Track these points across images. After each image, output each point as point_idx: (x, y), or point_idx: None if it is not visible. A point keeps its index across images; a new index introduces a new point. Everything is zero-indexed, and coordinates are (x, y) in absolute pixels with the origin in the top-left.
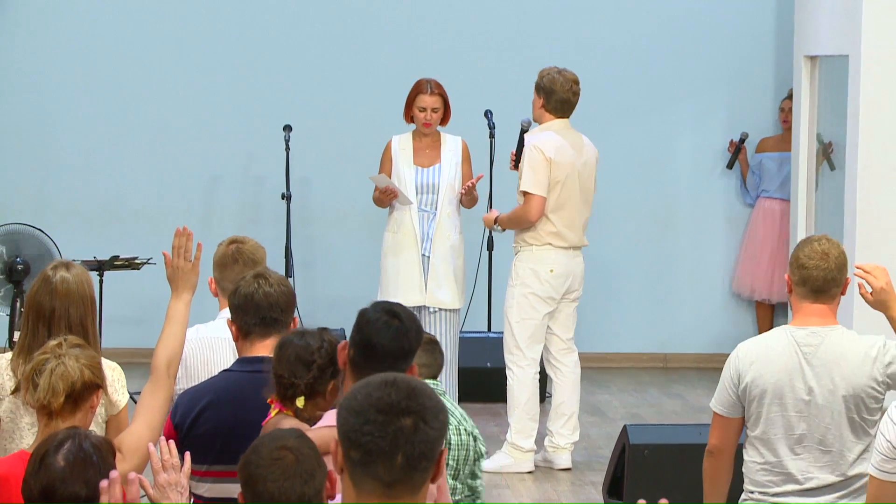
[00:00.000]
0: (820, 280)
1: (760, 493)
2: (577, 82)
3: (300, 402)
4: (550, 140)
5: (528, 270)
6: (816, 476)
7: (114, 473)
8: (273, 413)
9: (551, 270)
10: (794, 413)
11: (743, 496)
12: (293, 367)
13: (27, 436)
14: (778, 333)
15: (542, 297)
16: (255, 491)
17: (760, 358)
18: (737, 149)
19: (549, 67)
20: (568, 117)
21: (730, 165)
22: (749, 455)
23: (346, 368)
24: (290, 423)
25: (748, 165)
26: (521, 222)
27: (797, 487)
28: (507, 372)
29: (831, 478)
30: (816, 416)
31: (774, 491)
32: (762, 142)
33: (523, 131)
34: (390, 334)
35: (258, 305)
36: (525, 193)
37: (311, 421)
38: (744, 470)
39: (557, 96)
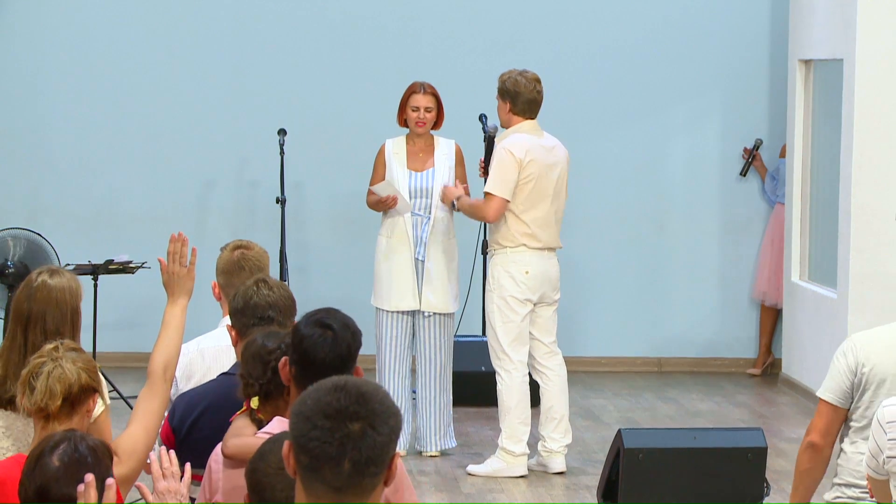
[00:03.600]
0: None
1: (856, 484)
2: (539, 81)
3: (255, 402)
4: (521, 142)
5: (503, 273)
6: None
7: (88, 476)
8: (240, 411)
9: (526, 272)
10: None
11: (834, 493)
12: (251, 365)
13: (2, 439)
14: (894, 325)
15: (519, 300)
16: (262, 497)
17: (880, 346)
18: (751, 155)
19: (508, 71)
20: (535, 117)
21: (743, 172)
22: (853, 447)
23: (290, 384)
24: (239, 422)
25: (766, 170)
26: (476, 215)
27: None
28: (497, 377)
29: None
30: None
31: (884, 478)
32: (785, 147)
33: (491, 137)
34: (326, 347)
35: (256, 306)
36: (487, 194)
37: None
38: (841, 462)
39: (523, 98)
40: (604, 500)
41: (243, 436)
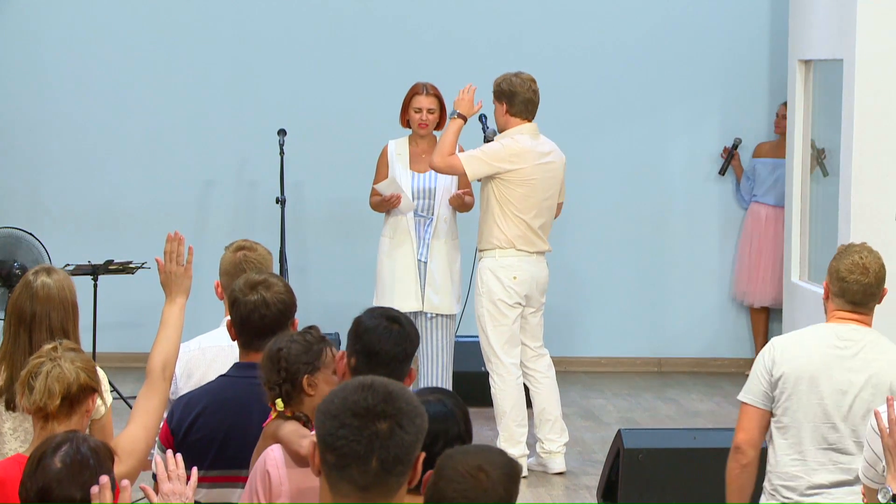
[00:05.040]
0: (859, 294)
1: (784, 486)
2: (534, 82)
3: (279, 404)
4: (519, 143)
5: (492, 278)
6: (852, 465)
7: (103, 478)
8: (273, 415)
9: (514, 277)
10: (831, 402)
11: (763, 497)
12: (268, 370)
13: (10, 440)
14: (816, 328)
15: (509, 304)
16: (437, 483)
17: (797, 348)
18: (729, 154)
19: (503, 74)
20: (533, 119)
21: (722, 171)
22: (777, 447)
23: (346, 377)
24: (292, 425)
25: (742, 170)
26: (439, 148)
27: (839, 478)
28: (490, 381)
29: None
30: (852, 407)
31: (802, 483)
32: (759, 147)
33: (489, 140)
34: (392, 339)
35: (255, 326)
36: (460, 162)
37: (305, 417)
38: (769, 467)
39: (520, 97)
40: (604, 500)
41: (307, 435)
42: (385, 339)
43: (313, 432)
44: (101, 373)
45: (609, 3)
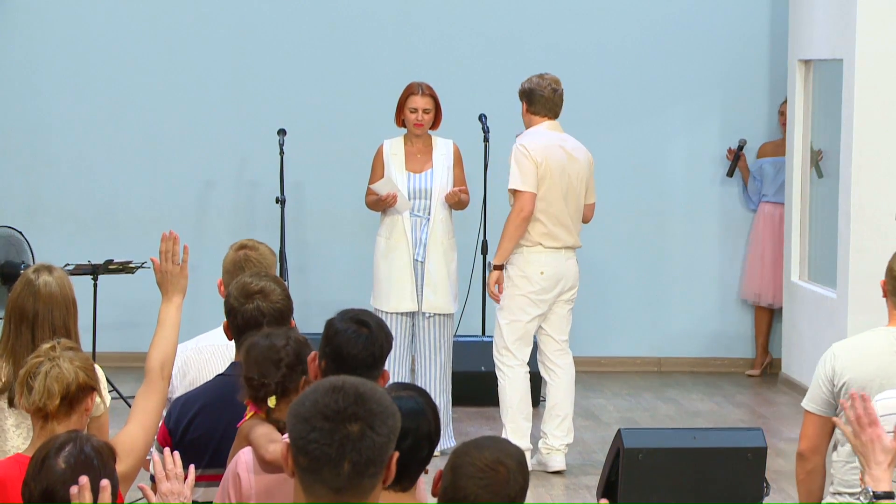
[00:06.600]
0: None
1: (850, 493)
2: (557, 82)
3: (272, 401)
4: (537, 140)
5: (518, 273)
6: None
7: (83, 479)
8: (248, 415)
9: (542, 273)
10: None
11: (829, 498)
12: (262, 367)
13: (13, 437)
14: (876, 332)
15: (532, 300)
16: (456, 482)
17: (858, 356)
18: (735, 156)
19: (531, 76)
20: (555, 118)
21: (730, 173)
22: (840, 455)
23: (318, 379)
24: (264, 428)
25: (749, 171)
26: (516, 226)
27: None
28: (498, 373)
29: None
30: None
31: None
32: (763, 147)
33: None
34: (360, 344)
35: (252, 331)
36: (514, 192)
37: (284, 423)
38: (832, 470)
39: (538, 95)
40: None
41: (277, 441)
42: (353, 343)
43: (285, 436)
44: (98, 371)
45: (609, 3)
